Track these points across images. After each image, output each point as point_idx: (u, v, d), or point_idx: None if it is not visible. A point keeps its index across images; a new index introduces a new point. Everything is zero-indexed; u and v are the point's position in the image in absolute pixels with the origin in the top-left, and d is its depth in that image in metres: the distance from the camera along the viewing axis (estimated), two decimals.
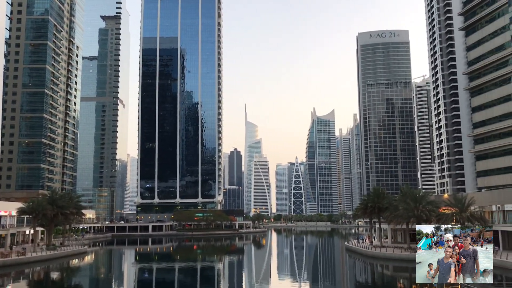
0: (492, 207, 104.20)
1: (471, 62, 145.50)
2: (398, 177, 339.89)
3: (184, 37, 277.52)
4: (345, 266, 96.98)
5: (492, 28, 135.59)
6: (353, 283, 71.00)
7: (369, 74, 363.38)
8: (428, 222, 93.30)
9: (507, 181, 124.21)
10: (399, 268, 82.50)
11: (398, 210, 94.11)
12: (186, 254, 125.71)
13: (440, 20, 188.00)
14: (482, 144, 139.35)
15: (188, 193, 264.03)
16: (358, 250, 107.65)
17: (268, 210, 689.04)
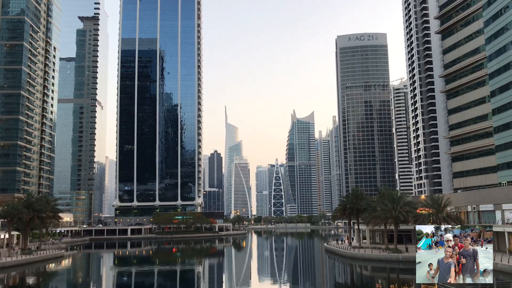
0: (468, 207, 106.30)
1: (447, 65, 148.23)
2: (376, 179, 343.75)
3: (164, 39, 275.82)
4: (325, 267, 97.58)
5: (467, 32, 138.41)
6: (332, 284, 71.49)
7: (348, 77, 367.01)
8: (405, 223, 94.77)
9: (482, 182, 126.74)
10: (377, 269, 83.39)
11: (376, 211, 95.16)
12: (166, 257, 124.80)
13: (417, 24, 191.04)
14: (458, 146, 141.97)
15: (168, 196, 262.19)
16: (337, 251, 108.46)
17: (249, 212, 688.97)
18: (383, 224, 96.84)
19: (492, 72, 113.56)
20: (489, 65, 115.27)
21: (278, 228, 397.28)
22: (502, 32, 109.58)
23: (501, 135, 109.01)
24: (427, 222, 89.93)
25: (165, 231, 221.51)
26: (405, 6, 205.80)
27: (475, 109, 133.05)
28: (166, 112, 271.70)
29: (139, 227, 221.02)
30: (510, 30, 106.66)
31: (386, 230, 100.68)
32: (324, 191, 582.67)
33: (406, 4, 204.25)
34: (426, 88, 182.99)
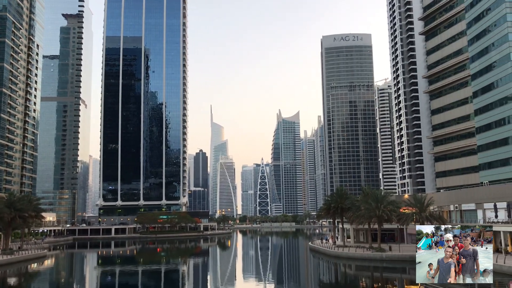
0: (450, 206, 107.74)
1: (431, 66, 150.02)
2: (360, 178, 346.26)
3: (149, 37, 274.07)
4: (309, 266, 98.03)
5: (450, 33, 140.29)
6: (316, 283, 71.88)
7: (333, 77, 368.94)
8: (389, 222, 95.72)
9: (464, 181, 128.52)
10: (361, 267, 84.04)
11: (360, 210, 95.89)
12: (150, 257, 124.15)
13: (402, 25, 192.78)
14: (441, 146, 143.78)
15: (152, 195, 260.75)
16: (321, 250, 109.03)
17: (234, 211, 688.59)
18: (367, 223, 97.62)
19: (474, 73, 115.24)
20: (472, 66, 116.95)
21: (263, 227, 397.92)
22: (484, 33, 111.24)
23: (483, 136, 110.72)
24: (410, 221, 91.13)
25: (150, 230, 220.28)
26: (390, 7, 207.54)
27: (458, 109, 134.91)
28: (150, 111, 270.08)
29: (123, 226, 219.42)
30: (492, 32, 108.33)
31: (370, 229, 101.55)
32: (309, 190, 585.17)
33: (391, 5, 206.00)
34: (410, 89, 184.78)
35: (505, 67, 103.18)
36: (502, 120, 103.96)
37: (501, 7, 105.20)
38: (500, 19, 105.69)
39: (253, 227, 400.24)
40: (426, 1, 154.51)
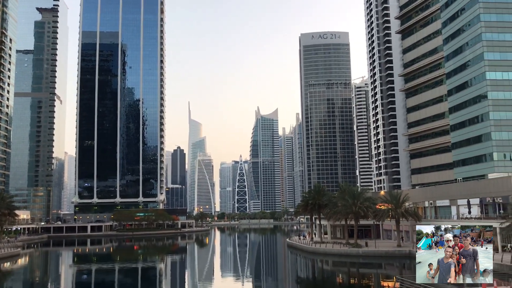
0: (425, 203, 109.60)
1: (407, 64, 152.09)
2: (338, 175, 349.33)
3: (126, 32, 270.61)
4: (287, 262, 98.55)
5: (426, 32, 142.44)
6: (294, 279, 72.33)
7: (311, 74, 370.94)
8: (365, 218, 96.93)
9: (438, 178, 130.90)
10: (338, 263, 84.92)
11: (338, 206, 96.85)
12: (127, 255, 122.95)
13: (379, 23, 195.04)
14: (416, 143, 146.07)
15: (129, 193, 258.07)
16: (299, 246, 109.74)
17: (212, 208, 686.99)
18: (344, 219, 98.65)
19: (449, 72, 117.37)
20: (447, 65, 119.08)
21: (241, 224, 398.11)
22: (459, 33, 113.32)
23: (457, 133, 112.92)
24: (386, 217, 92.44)
25: (126, 228, 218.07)
26: (367, 5, 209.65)
27: (433, 107, 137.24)
28: (127, 107, 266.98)
29: (99, 224, 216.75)
30: (466, 32, 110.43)
31: (346, 225, 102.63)
32: (287, 187, 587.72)
33: (368, 4, 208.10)
34: (386, 87, 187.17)
35: (479, 66, 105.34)
36: (476, 118, 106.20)
37: (475, 7, 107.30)
38: (474, 19, 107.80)
39: (231, 224, 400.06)
40: (403, 0, 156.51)
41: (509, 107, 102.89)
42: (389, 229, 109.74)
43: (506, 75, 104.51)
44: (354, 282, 64.77)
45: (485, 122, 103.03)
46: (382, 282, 61.85)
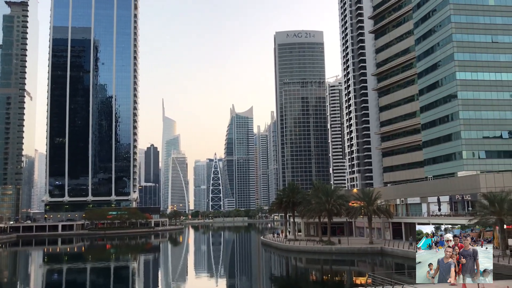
0: (397, 200, 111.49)
1: (380, 64, 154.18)
2: (312, 173, 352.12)
3: (98, 28, 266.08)
4: (261, 260, 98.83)
5: (398, 32, 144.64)
6: (268, 276, 72.58)
7: (286, 73, 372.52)
8: (338, 215, 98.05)
9: (409, 176, 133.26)
10: (311, 260, 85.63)
11: (311, 204, 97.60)
12: (99, 254, 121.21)
13: (352, 23, 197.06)
14: (388, 142, 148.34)
15: (101, 191, 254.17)
16: (273, 244, 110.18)
17: (186, 207, 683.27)
18: (318, 217, 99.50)
19: (420, 71, 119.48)
20: (418, 65, 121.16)
21: (215, 222, 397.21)
22: (430, 34, 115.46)
23: (427, 132, 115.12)
24: (359, 214, 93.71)
25: (99, 227, 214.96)
26: (341, 5, 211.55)
27: (404, 106, 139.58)
28: (100, 104, 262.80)
29: (70, 223, 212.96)
30: (437, 32, 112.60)
31: (320, 223, 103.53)
32: (262, 185, 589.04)
33: (342, 4, 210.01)
34: (359, 86, 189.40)
35: (449, 66, 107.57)
36: (446, 117, 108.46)
37: (446, 8, 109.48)
38: (445, 20, 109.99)
39: (205, 222, 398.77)
40: (376, 0, 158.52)
41: (478, 106, 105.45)
42: (361, 226, 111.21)
43: (475, 75, 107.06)
44: (327, 279, 65.43)
45: (455, 121, 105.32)
46: (355, 279, 62.63)
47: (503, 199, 60.94)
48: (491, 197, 62.08)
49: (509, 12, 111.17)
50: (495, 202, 60.79)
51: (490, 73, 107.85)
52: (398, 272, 60.76)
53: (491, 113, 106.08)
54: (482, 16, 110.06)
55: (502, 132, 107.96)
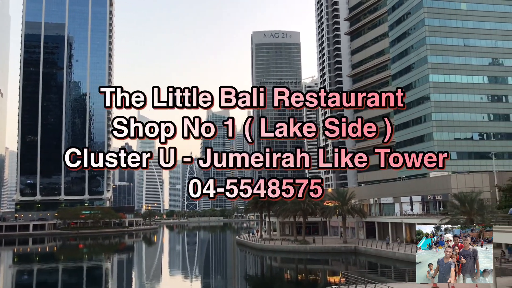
0: (370, 200, 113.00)
1: (355, 65, 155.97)
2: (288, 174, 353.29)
3: (72, 24, 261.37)
4: (236, 260, 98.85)
5: (373, 34, 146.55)
6: (243, 275, 72.65)
7: (263, 73, 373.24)
8: (313, 215, 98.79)
9: (383, 176, 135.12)
10: (286, 260, 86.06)
11: (287, 204, 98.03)
12: (71, 254, 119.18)
13: (329, 24, 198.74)
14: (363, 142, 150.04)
15: (74, 190, 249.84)
16: (248, 244, 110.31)
17: (161, 206, 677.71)
18: (293, 217, 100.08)
19: (395, 73, 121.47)
20: (392, 66, 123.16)
21: (190, 222, 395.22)
22: (404, 36, 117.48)
23: (401, 133, 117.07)
24: (333, 214, 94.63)
25: (71, 226, 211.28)
26: (318, 6, 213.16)
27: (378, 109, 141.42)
28: (73, 101, 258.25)
29: (42, 222, 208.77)
30: (411, 35, 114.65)
31: (295, 222, 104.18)
32: None
33: (319, 5, 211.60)
34: (335, 87, 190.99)
35: (423, 68, 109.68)
36: (419, 118, 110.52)
37: (420, 11, 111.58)
38: (419, 23, 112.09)
39: (180, 222, 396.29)
40: (352, 2, 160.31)
41: (450, 108, 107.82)
42: (336, 225, 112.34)
43: (448, 78, 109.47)
44: (301, 278, 65.88)
45: (428, 123, 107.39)
46: (329, 278, 63.23)
47: (473, 199, 62.37)
48: (461, 197, 63.42)
49: (481, 16, 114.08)
50: (466, 202, 62.13)
51: (462, 75, 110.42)
52: (371, 271, 61.63)
53: (463, 115, 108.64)
54: (455, 20, 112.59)
55: (473, 133, 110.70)
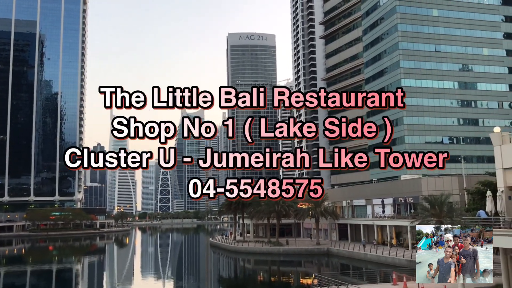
0: (343, 202, 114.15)
1: (329, 69, 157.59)
2: (262, 175, 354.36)
3: (44, 22, 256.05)
4: (209, 262, 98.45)
5: (348, 39, 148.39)
6: (216, 278, 72.40)
7: (238, 75, 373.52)
8: (287, 217, 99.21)
9: (355, 179, 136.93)
10: (259, 262, 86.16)
11: (261, 206, 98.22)
12: (41, 256, 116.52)
13: (304, 28, 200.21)
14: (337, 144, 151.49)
15: (44, 191, 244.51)
16: (222, 246, 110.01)
17: (133, 208, 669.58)
18: (267, 218, 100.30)
19: (368, 77, 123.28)
20: (366, 71, 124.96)
21: (163, 224, 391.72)
22: (378, 41, 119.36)
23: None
24: (306, 216, 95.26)
25: (41, 228, 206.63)
26: (293, 9, 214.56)
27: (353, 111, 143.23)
28: (44, 100, 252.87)
29: (10, 224, 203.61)
30: (384, 40, 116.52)
31: (269, 224, 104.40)
32: None
33: (294, 8, 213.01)
34: (310, 90, 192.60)
35: (395, 73, 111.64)
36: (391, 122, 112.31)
37: (393, 17, 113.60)
38: (392, 28, 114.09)
39: (153, 224, 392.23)
40: (327, 7, 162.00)
41: (421, 112, 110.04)
42: (309, 227, 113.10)
43: (419, 83, 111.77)
44: (274, 280, 66.05)
45: (400, 127, 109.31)
46: (301, 280, 63.60)
47: (443, 202, 63.63)
48: (431, 200, 64.60)
49: (451, 23, 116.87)
50: (435, 205, 63.32)
51: (433, 81, 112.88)
52: (344, 273, 62.28)
53: (433, 119, 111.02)
54: (427, 26, 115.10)
55: (443, 137, 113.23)
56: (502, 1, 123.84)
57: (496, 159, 36.86)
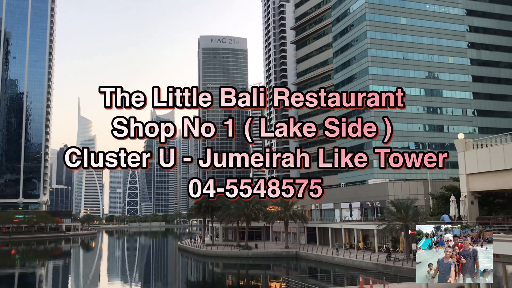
0: (312, 206, 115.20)
1: (300, 74, 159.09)
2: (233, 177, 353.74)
3: (10, 19, 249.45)
4: (178, 266, 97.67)
5: (318, 44, 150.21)
6: (184, 282, 71.91)
7: (209, 77, 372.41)
8: (256, 220, 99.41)
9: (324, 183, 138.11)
10: (228, 265, 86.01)
11: (230, 209, 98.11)
12: (2, 260, 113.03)
13: (275, 32, 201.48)
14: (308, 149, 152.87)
15: (8, 193, 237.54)
16: (190, 250, 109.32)
17: (100, 211, 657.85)
18: (236, 222, 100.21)
19: (337, 83, 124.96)
20: (335, 76, 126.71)
21: (131, 227, 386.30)
22: (347, 47, 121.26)
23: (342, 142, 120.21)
24: (276, 219, 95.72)
25: (3, 231, 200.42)
26: (265, 14, 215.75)
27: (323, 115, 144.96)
28: (9, 100, 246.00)
29: None
30: (354, 47, 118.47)
31: (238, 228, 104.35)
32: (182, 190, 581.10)
33: (266, 13, 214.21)
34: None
35: (364, 79, 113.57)
36: None
37: (363, 24, 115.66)
38: (361, 35, 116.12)
39: (120, 227, 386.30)
40: (298, 12, 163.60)
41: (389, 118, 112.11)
42: (278, 231, 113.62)
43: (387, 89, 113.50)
44: (243, 284, 66.04)
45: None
46: (270, 283, 63.82)
47: (409, 206, 65.06)
48: (398, 204, 65.96)
49: (419, 31, 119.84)
50: (401, 209, 64.68)
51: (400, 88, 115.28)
52: (312, 276, 62.86)
53: (400, 125, 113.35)
54: (395, 34, 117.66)
55: (409, 143, 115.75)
56: (467, 12, 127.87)
57: (460, 164, 37.98)
